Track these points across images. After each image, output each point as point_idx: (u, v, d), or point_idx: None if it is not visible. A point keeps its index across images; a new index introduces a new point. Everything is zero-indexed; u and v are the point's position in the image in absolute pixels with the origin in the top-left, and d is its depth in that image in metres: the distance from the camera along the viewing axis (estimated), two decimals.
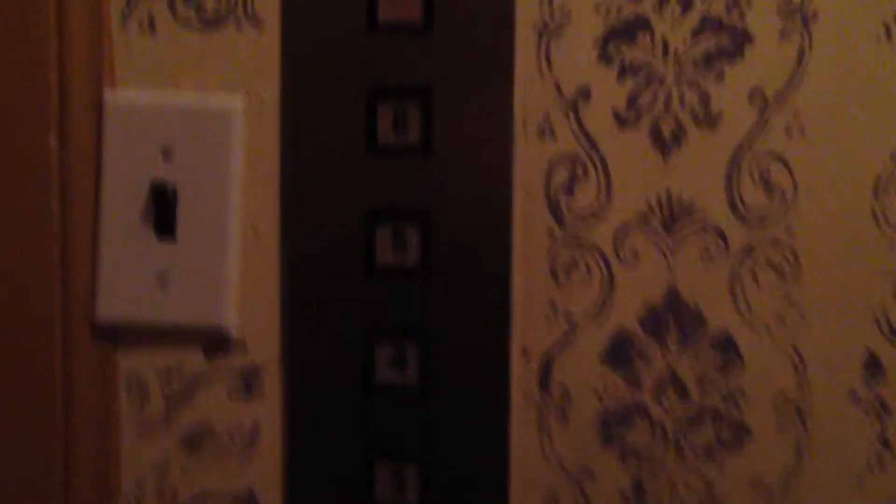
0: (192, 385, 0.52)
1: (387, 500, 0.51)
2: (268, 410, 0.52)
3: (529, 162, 0.50)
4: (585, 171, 0.50)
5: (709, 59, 0.49)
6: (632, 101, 0.50)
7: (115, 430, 0.52)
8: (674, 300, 0.50)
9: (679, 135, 0.50)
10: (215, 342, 0.52)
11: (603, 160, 0.50)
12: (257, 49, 0.51)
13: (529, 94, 0.50)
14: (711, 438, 0.50)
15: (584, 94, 0.50)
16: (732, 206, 0.50)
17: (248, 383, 0.52)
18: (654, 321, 0.50)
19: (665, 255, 0.50)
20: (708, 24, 0.49)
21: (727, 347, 0.50)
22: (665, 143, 0.50)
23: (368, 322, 0.51)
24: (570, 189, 0.51)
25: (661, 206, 0.50)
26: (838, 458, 0.50)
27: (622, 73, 0.49)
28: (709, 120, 0.49)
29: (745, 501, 0.50)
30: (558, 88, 0.50)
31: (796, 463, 0.50)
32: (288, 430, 0.51)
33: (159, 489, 0.52)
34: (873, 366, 0.50)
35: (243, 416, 0.52)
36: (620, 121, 0.50)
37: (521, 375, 0.51)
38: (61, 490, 0.51)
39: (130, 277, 0.51)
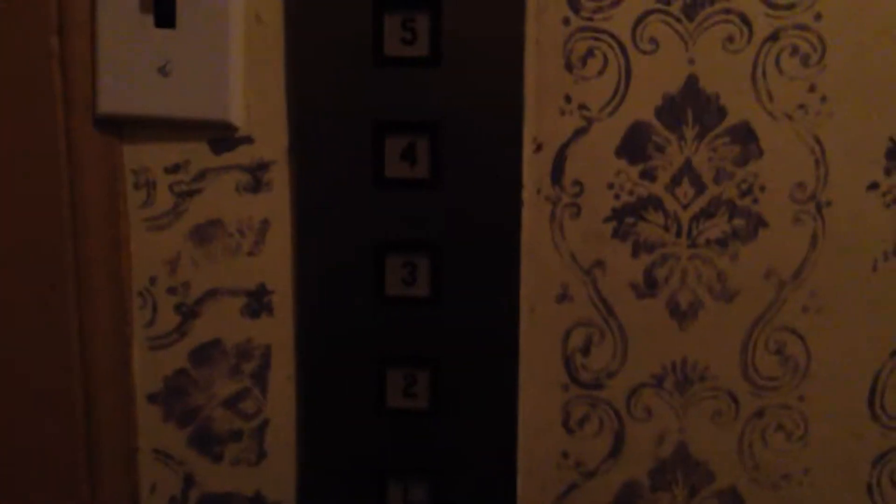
0: (200, 180, 0.51)
1: (397, 288, 0.51)
2: (277, 204, 0.51)
3: None
4: None
5: None
6: None
7: (124, 226, 0.52)
8: (693, 90, 0.49)
9: None
10: (221, 136, 0.51)
11: None
12: None
13: None
14: (726, 230, 0.50)
15: None
16: None
17: (256, 178, 0.51)
18: (671, 112, 0.49)
19: (685, 44, 0.48)
20: None
21: (746, 138, 0.49)
22: None
23: (376, 114, 0.49)
24: None
25: None
26: (853, 249, 0.49)
27: None
28: None
29: (757, 290, 0.50)
30: None
31: (811, 253, 0.49)
32: (297, 222, 0.51)
33: (171, 285, 0.52)
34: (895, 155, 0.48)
35: (252, 210, 0.51)
36: None
37: (534, 169, 0.50)
38: (74, 282, 0.51)
39: (131, 69, 0.49)
